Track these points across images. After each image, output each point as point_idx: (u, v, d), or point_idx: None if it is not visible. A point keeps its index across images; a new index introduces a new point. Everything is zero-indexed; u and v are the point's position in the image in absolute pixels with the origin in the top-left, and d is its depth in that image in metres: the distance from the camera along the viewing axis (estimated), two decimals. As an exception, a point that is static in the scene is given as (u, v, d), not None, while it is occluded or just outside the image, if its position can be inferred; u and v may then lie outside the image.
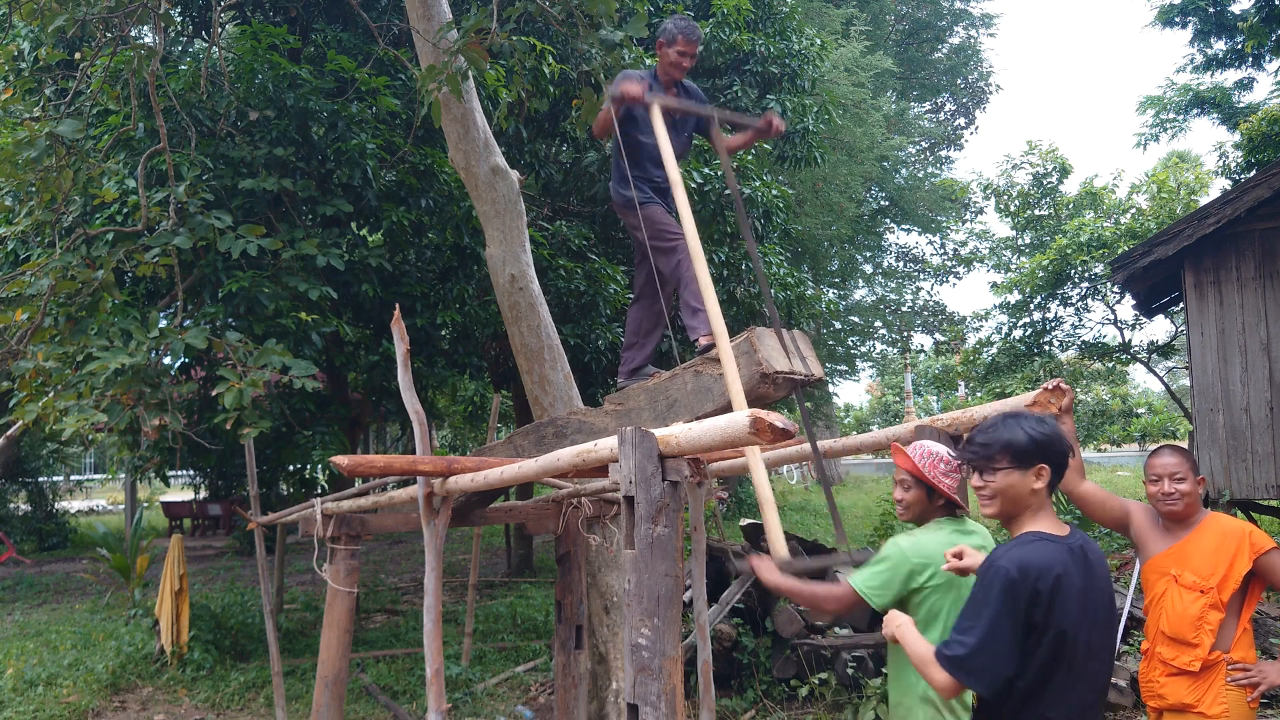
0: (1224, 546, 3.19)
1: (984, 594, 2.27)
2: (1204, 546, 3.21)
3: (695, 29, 4.29)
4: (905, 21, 24.56)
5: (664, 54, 4.30)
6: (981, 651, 2.23)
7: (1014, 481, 2.36)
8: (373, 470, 3.37)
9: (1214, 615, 3.15)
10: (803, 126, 10.18)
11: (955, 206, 22.08)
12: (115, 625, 9.57)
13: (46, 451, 20.00)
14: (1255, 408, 7.80)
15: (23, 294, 5.51)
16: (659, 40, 4.31)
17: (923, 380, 34.95)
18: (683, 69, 4.32)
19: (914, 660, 2.41)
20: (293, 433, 7.55)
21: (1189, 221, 8.05)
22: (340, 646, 4.39)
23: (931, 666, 2.32)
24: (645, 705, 2.33)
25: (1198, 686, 3.16)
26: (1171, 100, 15.11)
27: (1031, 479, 2.36)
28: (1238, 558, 3.16)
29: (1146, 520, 3.38)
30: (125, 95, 6.48)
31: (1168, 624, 3.23)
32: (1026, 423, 2.39)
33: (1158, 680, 3.26)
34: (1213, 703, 3.13)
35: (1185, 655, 3.18)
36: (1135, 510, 3.40)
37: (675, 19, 4.32)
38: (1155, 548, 3.33)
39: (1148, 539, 3.37)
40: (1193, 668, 3.15)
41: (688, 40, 4.24)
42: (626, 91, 3.90)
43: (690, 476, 3.33)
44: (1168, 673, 3.23)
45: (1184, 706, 3.17)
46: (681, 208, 3.59)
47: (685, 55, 4.26)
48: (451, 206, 8.10)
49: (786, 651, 6.37)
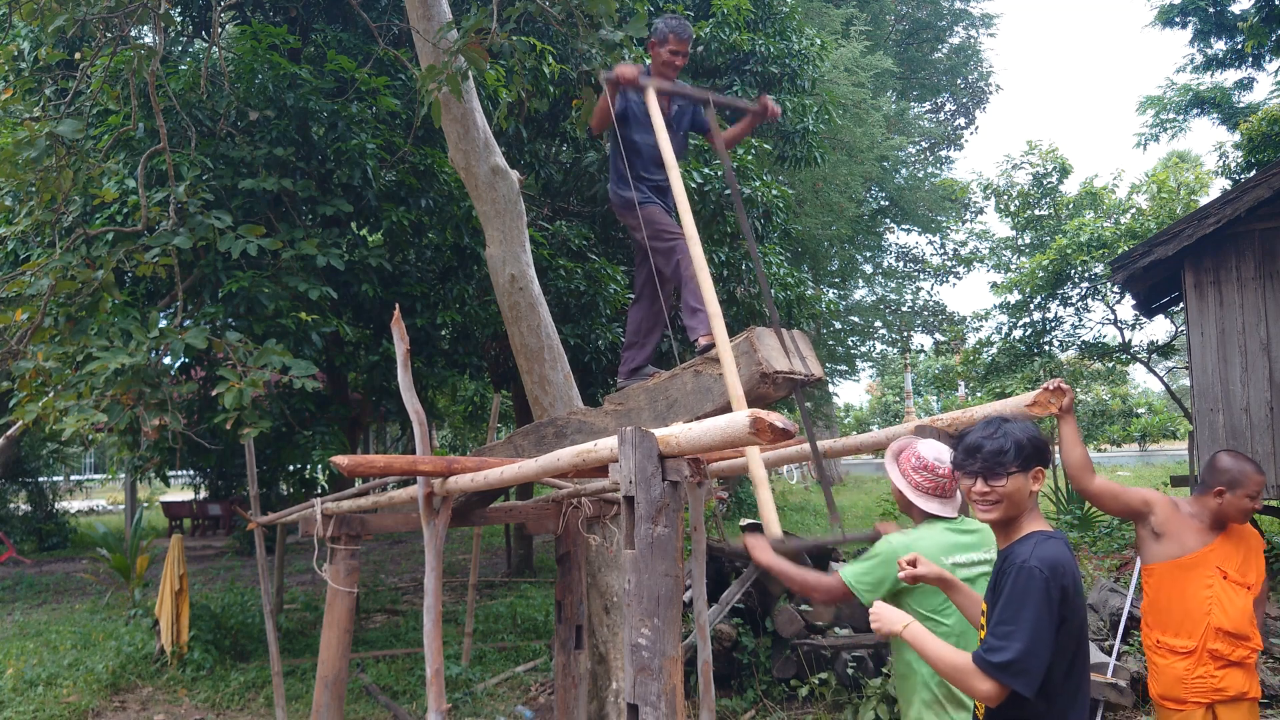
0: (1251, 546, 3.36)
1: (1020, 596, 2.25)
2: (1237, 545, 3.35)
3: (686, 27, 4.29)
4: (905, 21, 24.56)
5: (656, 54, 4.30)
6: (1030, 654, 2.21)
7: (1020, 485, 2.37)
8: (373, 470, 3.37)
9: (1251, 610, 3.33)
10: (803, 126, 10.19)
11: (955, 206, 22.07)
12: (115, 625, 9.57)
13: (46, 451, 20.00)
14: (1255, 408, 7.80)
15: (23, 294, 5.51)
16: (650, 40, 4.31)
17: (923, 380, 34.93)
18: (676, 68, 4.32)
19: (943, 669, 2.35)
20: (293, 433, 7.55)
21: (1189, 221, 8.04)
22: (340, 646, 4.39)
23: (973, 676, 2.26)
24: (645, 705, 2.33)
25: (1249, 675, 3.31)
26: (1171, 100, 15.10)
27: (1031, 482, 2.38)
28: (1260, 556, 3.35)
29: (1174, 514, 3.39)
30: (125, 95, 6.48)
31: (1228, 620, 3.29)
32: (1019, 427, 2.41)
33: (1212, 675, 3.32)
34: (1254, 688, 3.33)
35: (1242, 649, 3.29)
36: (1159, 502, 3.42)
37: (666, 18, 4.32)
38: (1191, 543, 3.36)
39: (1178, 533, 3.38)
40: (1250, 660, 3.29)
41: (679, 39, 4.24)
42: (621, 74, 3.91)
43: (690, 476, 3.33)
44: (1221, 665, 3.31)
45: (1242, 695, 3.32)
46: (680, 204, 3.59)
47: (677, 54, 4.26)
48: (451, 206, 8.10)
49: (786, 651, 6.37)
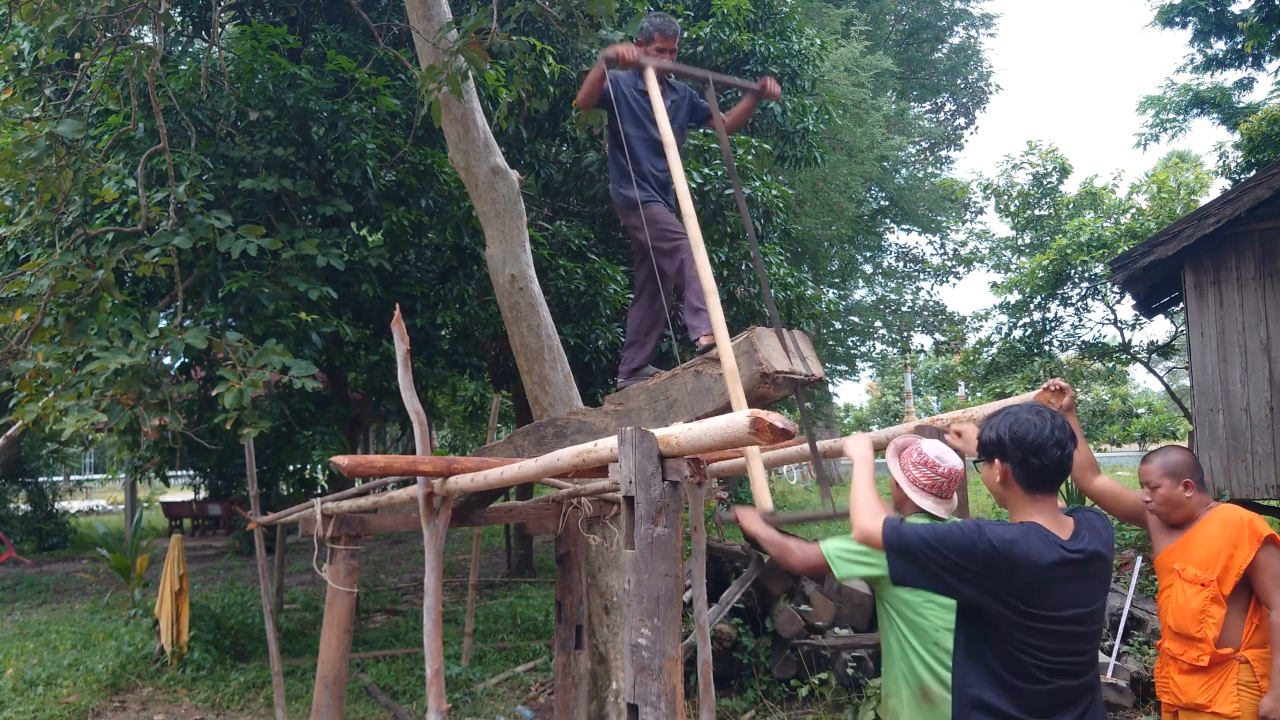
0: (1225, 537, 3.13)
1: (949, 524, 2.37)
2: (1206, 539, 3.18)
3: (671, 24, 4.29)
4: (905, 21, 24.56)
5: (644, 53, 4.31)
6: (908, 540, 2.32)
7: (987, 475, 2.45)
8: (373, 470, 3.37)
9: (1215, 609, 3.11)
10: (803, 126, 10.18)
11: (955, 206, 22.06)
12: (115, 625, 9.57)
13: (46, 451, 20.01)
14: (1255, 408, 7.80)
15: (23, 294, 5.51)
16: (637, 40, 4.31)
17: (923, 380, 34.94)
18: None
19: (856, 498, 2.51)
20: (293, 433, 7.55)
21: (1189, 221, 8.04)
22: (340, 646, 4.39)
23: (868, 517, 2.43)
24: (645, 705, 2.33)
25: (1210, 684, 3.11)
26: (1171, 100, 15.10)
27: (994, 474, 2.41)
28: (1238, 549, 3.09)
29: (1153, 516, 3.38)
30: (125, 95, 6.47)
31: (1173, 619, 3.21)
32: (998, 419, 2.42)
33: (1172, 678, 3.24)
34: (1225, 701, 3.08)
35: (1192, 651, 3.15)
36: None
37: (651, 17, 4.33)
38: (1162, 543, 3.32)
39: (1156, 534, 3.36)
40: (1201, 663, 3.12)
41: (664, 36, 4.25)
42: (620, 53, 3.88)
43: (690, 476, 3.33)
44: (1180, 670, 3.20)
45: (1197, 706, 3.14)
46: (682, 197, 3.55)
47: (664, 51, 4.25)
48: (451, 206, 8.10)
49: (786, 651, 6.37)
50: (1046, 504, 2.37)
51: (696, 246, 3.50)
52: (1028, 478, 2.34)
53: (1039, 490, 2.36)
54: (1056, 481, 2.38)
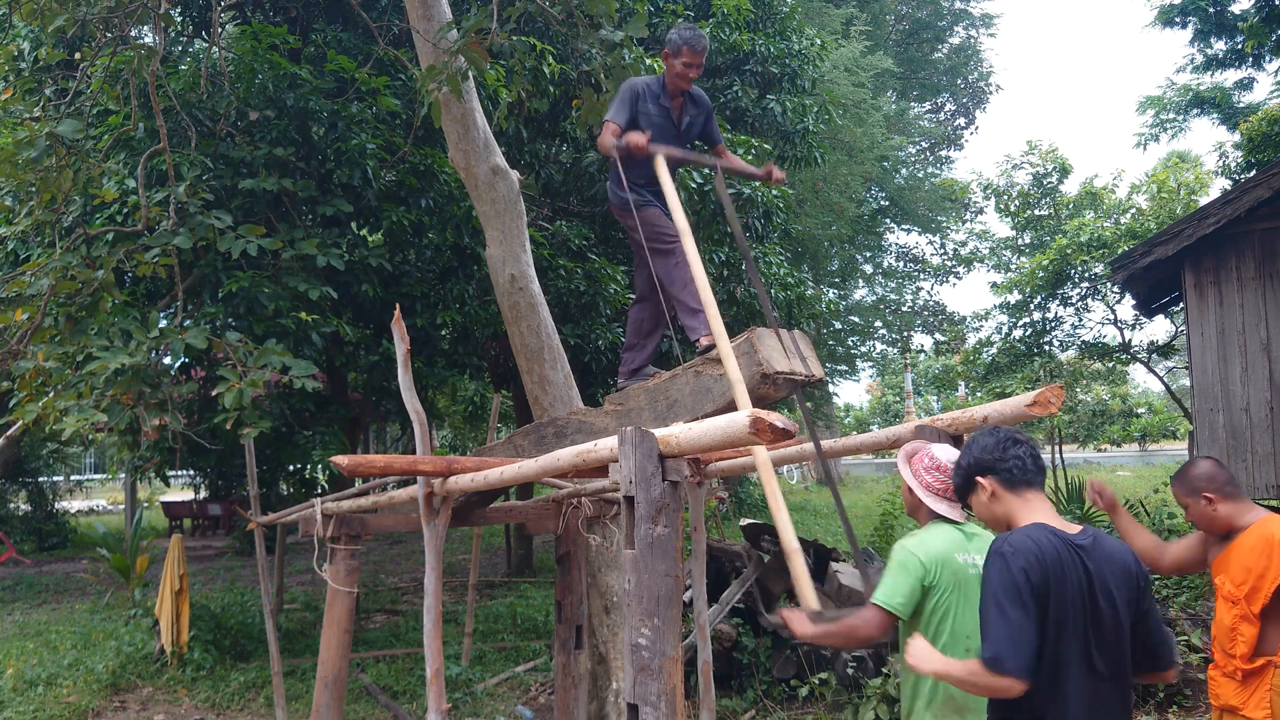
0: (1258, 556, 3.15)
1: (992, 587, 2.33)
2: (1243, 553, 3.22)
3: (701, 39, 4.31)
4: (905, 21, 24.55)
5: (670, 65, 4.33)
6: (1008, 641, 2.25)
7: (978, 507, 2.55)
8: (373, 470, 3.38)
9: (1246, 628, 3.17)
10: (803, 126, 10.18)
11: (955, 206, 22.05)
12: (115, 625, 9.57)
13: (46, 451, 19.98)
14: (1255, 408, 7.80)
15: (23, 294, 5.52)
16: (665, 51, 4.34)
17: (923, 380, 34.93)
18: (689, 80, 4.37)
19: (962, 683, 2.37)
20: (293, 433, 7.55)
21: (1189, 221, 8.04)
22: (340, 646, 4.39)
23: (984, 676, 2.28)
24: (645, 705, 2.33)
25: (1243, 690, 3.23)
26: (1171, 100, 15.09)
27: (985, 496, 2.52)
28: (1268, 570, 3.11)
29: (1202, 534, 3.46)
30: (125, 95, 6.48)
31: (1215, 629, 3.34)
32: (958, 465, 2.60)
33: (1216, 679, 3.36)
34: (1255, 706, 3.17)
35: (1230, 663, 3.26)
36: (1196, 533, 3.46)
37: (680, 29, 4.33)
38: (1214, 552, 3.38)
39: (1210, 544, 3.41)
40: (1235, 676, 3.23)
41: (693, 51, 4.28)
42: (632, 142, 3.96)
43: (690, 476, 3.33)
44: (1222, 673, 3.33)
45: (1232, 708, 3.27)
46: (675, 211, 3.61)
47: (691, 66, 4.31)
48: (451, 206, 8.10)
49: (786, 651, 6.37)
50: (1039, 502, 2.49)
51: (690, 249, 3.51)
52: (1009, 480, 2.49)
53: (1025, 486, 2.49)
54: (1035, 476, 2.51)
